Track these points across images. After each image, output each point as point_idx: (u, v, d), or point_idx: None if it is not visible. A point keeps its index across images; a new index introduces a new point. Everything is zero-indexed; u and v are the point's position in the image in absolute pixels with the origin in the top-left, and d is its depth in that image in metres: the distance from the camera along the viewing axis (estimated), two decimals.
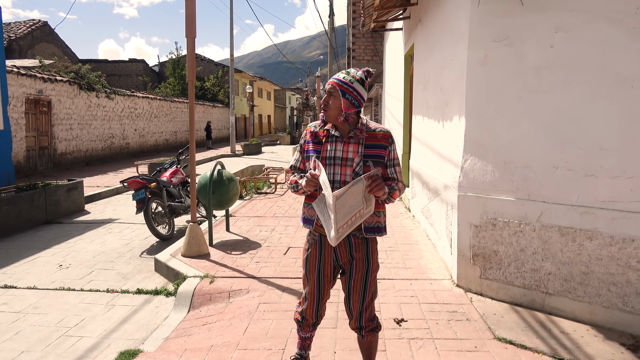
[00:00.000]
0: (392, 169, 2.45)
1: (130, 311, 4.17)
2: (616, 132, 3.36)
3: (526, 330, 3.41)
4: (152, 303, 4.35)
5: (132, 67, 33.71)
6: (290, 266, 4.90)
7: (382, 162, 2.39)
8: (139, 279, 5.03)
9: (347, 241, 2.45)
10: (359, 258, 2.46)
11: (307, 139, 2.53)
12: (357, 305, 2.50)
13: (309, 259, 2.56)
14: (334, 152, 2.40)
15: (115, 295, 4.55)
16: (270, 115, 51.22)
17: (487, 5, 3.78)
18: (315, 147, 2.46)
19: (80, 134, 15.80)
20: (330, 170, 2.38)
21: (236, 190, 6.13)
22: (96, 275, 5.12)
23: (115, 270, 5.30)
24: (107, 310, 4.19)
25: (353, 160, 2.36)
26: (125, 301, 4.40)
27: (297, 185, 2.48)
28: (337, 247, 2.46)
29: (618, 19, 3.29)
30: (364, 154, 2.37)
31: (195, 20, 5.22)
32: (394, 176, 2.45)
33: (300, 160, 2.58)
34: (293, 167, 2.63)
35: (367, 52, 14.95)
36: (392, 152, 2.44)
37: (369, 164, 2.35)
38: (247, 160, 18.80)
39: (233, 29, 21.71)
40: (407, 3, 7.22)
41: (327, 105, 2.40)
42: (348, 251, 2.46)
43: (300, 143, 2.60)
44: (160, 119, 22.82)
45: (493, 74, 3.84)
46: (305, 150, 2.53)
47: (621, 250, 3.36)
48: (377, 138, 2.40)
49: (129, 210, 8.63)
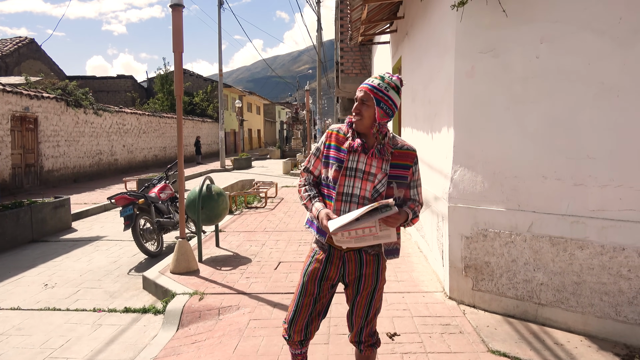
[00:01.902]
0: (415, 190, 2.33)
1: (118, 331, 4.07)
2: (603, 141, 3.38)
3: (520, 342, 3.38)
4: (140, 322, 4.26)
5: (121, 83, 33.58)
6: (281, 281, 4.83)
7: (405, 184, 2.27)
8: (126, 297, 4.92)
9: (358, 257, 2.31)
10: (368, 274, 2.34)
11: (328, 143, 2.33)
12: (360, 320, 2.41)
13: (313, 264, 2.38)
14: (356, 164, 2.23)
15: (102, 314, 4.45)
16: (260, 129, 51.24)
17: (472, 18, 3.81)
18: (338, 154, 2.27)
19: (67, 151, 15.65)
20: (350, 182, 2.22)
21: (226, 205, 6.08)
22: (83, 294, 5.01)
23: (102, 288, 5.19)
24: (93, 330, 4.08)
25: (375, 176, 2.21)
26: (113, 320, 4.29)
27: (305, 206, 2.36)
28: (347, 263, 2.32)
29: (602, 29, 3.33)
30: (390, 174, 2.22)
31: (182, 35, 5.21)
32: (415, 197, 2.33)
33: (313, 163, 2.40)
34: (306, 170, 2.45)
35: (356, 66, 15.06)
36: (416, 173, 2.32)
37: (392, 185, 2.22)
38: (237, 174, 18.72)
39: (222, 44, 21.78)
40: (394, 17, 7.29)
41: (360, 114, 2.21)
42: (358, 268, 2.33)
43: (318, 146, 2.40)
44: (149, 134, 22.69)
45: (480, 85, 3.87)
46: (325, 155, 2.33)
47: (612, 259, 3.35)
48: (402, 157, 2.25)
49: (116, 227, 8.50)
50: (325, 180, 2.31)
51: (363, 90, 2.21)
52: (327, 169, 2.30)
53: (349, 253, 2.31)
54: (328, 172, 2.28)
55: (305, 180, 2.41)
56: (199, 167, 22.79)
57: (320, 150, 2.37)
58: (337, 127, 2.35)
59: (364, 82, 2.25)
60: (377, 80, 2.22)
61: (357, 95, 2.23)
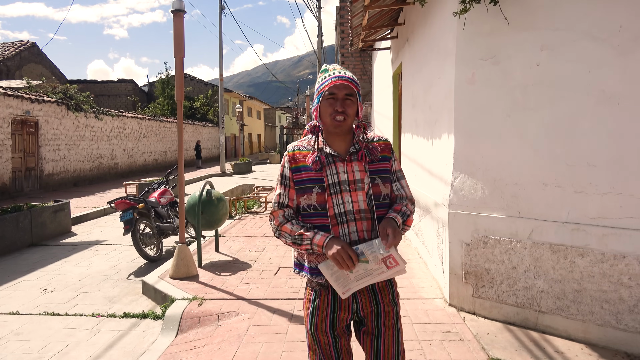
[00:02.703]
0: (398, 183, 2.02)
1: (116, 336, 4.06)
2: (604, 148, 3.38)
3: (520, 350, 3.36)
4: (139, 327, 4.24)
5: (121, 87, 33.66)
6: (281, 287, 4.82)
7: (388, 177, 1.97)
8: (125, 302, 4.91)
9: (370, 285, 1.95)
10: (387, 304, 1.97)
11: (294, 167, 1.94)
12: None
13: (317, 314, 1.96)
14: (337, 176, 1.89)
15: (101, 319, 4.43)
16: (260, 134, 51.29)
17: (473, 24, 3.82)
18: (311, 174, 1.90)
19: (67, 155, 15.65)
20: (337, 200, 1.88)
21: (225, 210, 6.07)
22: (82, 299, 5.00)
23: (101, 293, 5.18)
24: (92, 336, 4.07)
25: (363, 182, 1.90)
26: (111, 325, 4.28)
27: (301, 238, 1.87)
28: (358, 295, 1.94)
29: (602, 37, 3.34)
30: (369, 170, 1.93)
31: (184, 40, 5.22)
32: (401, 192, 2.01)
33: (288, 194, 1.96)
34: (281, 206, 1.97)
35: (356, 71, 15.10)
36: (395, 163, 2.03)
37: (377, 182, 1.92)
38: (237, 179, 18.71)
39: (222, 49, 21.84)
40: (395, 23, 7.31)
41: (345, 113, 1.87)
42: (372, 297, 1.96)
43: (281, 173, 1.98)
44: (149, 138, 22.72)
45: (481, 92, 3.87)
46: (297, 180, 1.93)
47: (613, 267, 3.35)
48: (378, 149, 1.97)
49: (116, 231, 8.49)
50: (308, 208, 1.91)
51: (345, 84, 1.87)
52: (306, 196, 1.91)
53: None
54: (310, 199, 1.90)
55: (284, 217, 1.95)
56: (199, 172, 22.80)
57: (288, 177, 1.96)
58: (297, 145, 2.00)
59: (340, 75, 1.88)
60: (345, 71, 1.93)
61: (338, 91, 1.87)
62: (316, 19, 23.28)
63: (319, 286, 1.96)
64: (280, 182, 1.99)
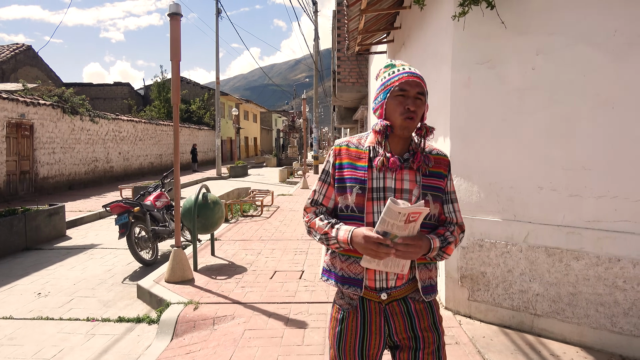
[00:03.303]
0: (450, 205, 1.81)
1: (111, 341, 4.03)
2: (599, 152, 3.40)
3: (516, 353, 3.36)
4: (134, 331, 4.22)
5: (117, 90, 33.60)
6: (277, 291, 4.81)
7: (440, 197, 1.77)
8: (120, 306, 4.88)
9: (404, 307, 1.75)
10: (425, 329, 1.76)
11: (338, 162, 1.79)
12: None
13: (345, 336, 1.77)
14: (383, 181, 1.71)
15: (96, 324, 4.40)
16: (257, 137, 51.28)
17: (469, 29, 3.84)
18: (355, 173, 1.73)
19: (63, 158, 15.59)
20: (378, 206, 1.69)
21: (221, 214, 6.06)
22: (76, 303, 4.96)
23: (96, 297, 5.14)
24: (86, 340, 4.04)
25: (411, 192, 1.71)
26: (106, 330, 4.25)
27: (327, 237, 1.73)
28: (390, 317, 1.74)
29: (597, 42, 3.36)
30: (422, 184, 1.72)
31: (180, 44, 5.22)
32: (451, 217, 1.81)
33: (325, 193, 1.82)
34: (313, 203, 1.84)
35: (352, 75, 15.13)
36: (450, 183, 1.83)
37: (428, 198, 1.71)
38: (233, 182, 18.69)
39: (219, 53, 21.84)
40: (391, 27, 7.33)
41: (415, 113, 1.67)
42: (407, 322, 1.75)
43: (324, 168, 1.85)
44: (145, 142, 22.66)
45: (477, 95, 3.88)
46: (338, 178, 1.77)
47: (608, 270, 3.36)
48: (434, 163, 1.76)
49: (111, 235, 8.45)
50: (346, 210, 1.74)
51: (418, 82, 1.68)
52: (344, 196, 1.75)
53: (392, 304, 1.74)
54: (347, 199, 1.73)
55: (315, 214, 1.82)
56: (195, 175, 22.75)
57: (329, 173, 1.81)
58: (346, 141, 1.84)
59: (411, 72, 1.71)
60: (413, 67, 1.75)
61: (410, 88, 1.67)
62: (313, 23, 23.33)
63: (349, 305, 1.78)
64: (319, 178, 1.85)
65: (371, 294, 1.73)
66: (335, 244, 1.71)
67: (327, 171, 1.83)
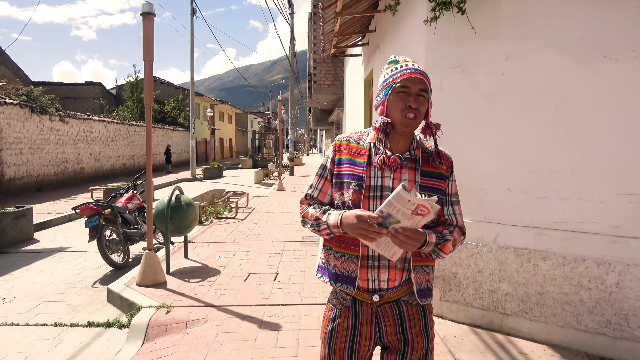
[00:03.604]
0: (451, 207, 1.77)
1: (80, 346, 3.94)
2: (565, 155, 3.50)
3: (485, 352, 3.43)
4: (104, 336, 4.13)
5: (89, 90, 32.90)
6: (251, 293, 4.78)
7: (440, 199, 1.73)
8: (90, 310, 4.77)
9: (397, 310, 1.73)
10: (416, 333, 1.75)
11: (338, 157, 1.77)
12: None
13: (336, 335, 1.77)
14: (381, 180, 1.68)
15: (64, 329, 4.29)
16: (232, 138, 50.89)
17: (441, 33, 3.90)
18: (353, 169, 1.71)
19: (31, 159, 15.15)
20: (375, 206, 1.66)
21: (195, 216, 5.99)
22: (43, 308, 4.83)
23: (64, 302, 5.02)
24: (54, 346, 3.94)
25: None
26: (75, 335, 4.15)
27: (318, 223, 1.72)
28: (382, 320, 1.74)
29: (563, 48, 3.46)
30: (420, 185, 1.69)
31: (153, 43, 5.14)
32: (451, 219, 1.77)
33: (321, 187, 1.81)
34: (308, 197, 1.84)
35: (328, 77, 15.18)
36: (452, 184, 1.78)
37: None
38: (208, 184, 18.50)
39: (194, 53, 21.62)
40: (366, 30, 7.39)
41: (418, 110, 1.64)
42: (399, 325, 1.74)
43: (324, 164, 1.82)
44: (117, 142, 22.24)
45: (448, 99, 3.94)
46: (336, 174, 1.76)
47: (573, 270, 3.46)
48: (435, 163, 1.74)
49: (81, 238, 8.26)
50: (342, 206, 1.71)
51: (421, 78, 1.65)
52: (342, 192, 1.72)
53: (384, 306, 1.73)
54: (344, 195, 1.71)
55: (309, 205, 1.83)
56: (169, 176, 22.44)
57: (327, 168, 1.79)
58: (347, 137, 1.81)
59: (414, 68, 1.68)
60: (416, 63, 1.72)
61: (412, 85, 1.64)
62: (289, 24, 23.31)
63: (341, 306, 1.77)
64: (317, 173, 1.83)
65: (363, 295, 1.73)
66: (325, 229, 1.69)
67: (325, 166, 1.81)
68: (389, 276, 1.71)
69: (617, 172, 3.32)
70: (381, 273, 1.70)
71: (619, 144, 3.31)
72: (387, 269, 1.71)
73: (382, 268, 1.71)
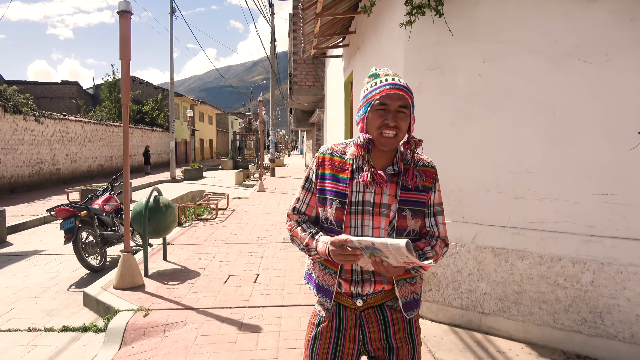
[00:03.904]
0: (433, 219, 1.74)
1: (55, 351, 3.84)
2: (541, 156, 3.56)
3: (465, 352, 3.46)
4: (80, 341, 4.04)
5: (65, 89, 32.27)
6: (231, 295, 4.74)
7: (422, 212, 1.70)
8: (65, 315, 4.67)
9: (381, 315, 1.71)
10: (400, 339, 1.72)
11: (321, 172, 1.74)
12: None
13: (319, 340, 1.75)
14: (362, 195, 1.65)
15: (38, 334, 4.19)
16: (212, 139, 50.48)
17: (420, 36, 3.93)
18: (336, 185, 1.68)
19: (4, 160, 14.78)
20: (357, 221, 1.65)
21: (174, 217, 5.91)
22: (17, 313, 4.70)
23: (39, 306, 4.89)
24: (27, 352, 3.84)
25: (390, 207, 1.64)
26: (49, 340, 4.05)
27: (308, 249, 1.71)
28: (366, 325, 1.72)
29: (539, 51, 3.52)
30: (400, 198, 1.65)
31: (130, 42, 5.06)
32: (434, 230, 1.73)
33: (308, 202, 1.78)
34: (296, 211, 1.81)
35: (309, 78, 15.18)
36: (435, 195, 1.74)
37: (405, 214, 1.65)
38: (188, 185, 18.30)
39: (173, 53, 21.38)
40: (347, 31, 7.41)
41: (397, 128, 1.60)
42: (382, 331, 1.72)
43: (307, 176, 1.79)
44: (94, 143, 21.84)
45: (428, 100, 3.97)
46: (320, 189, 1.73)
47: (550, 269, 3.51)
48: (420, 177, 1.69)
49: (57, 240, 8.08)
50: (326, 222, 1.71)
51: (401, 94, 1.59)
52: (325, 207, 1.70)
53: (368, 312, 1.72)
54: (327, 212, 1.69)
55: (297, 222, 1.79)
56: (148, 178, 22.13)
57: (313, 182, 1.76)
58: (330, 149, 1.76)
59: (394, 83, 1.61)
60: (399, 77, 1.65)
61: (391, 102, 1.59)
62: (269, 25, 23.25)
63: (326, 311, 1.75)
64: (303, 186, 1.80)
65: (347, 300, 1.72)
66: (316, 254, 1.69)
67: (310, 179, 1.78)
68: (374, 288, 1.70)
69: (591, 172, 3.39)
70: (365, 286, 1.69)
71: (593, 145, 3.38)
72: (373, 283, 1.69)
73: (366, 282, 1.69)
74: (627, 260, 3.26)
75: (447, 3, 3.72)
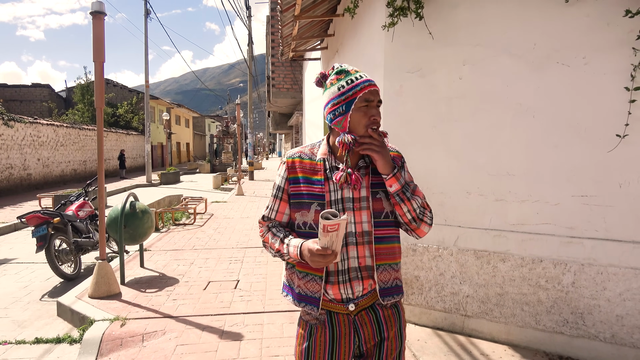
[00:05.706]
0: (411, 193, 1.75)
1: None
2: (521, 158, 3.58)
3: (448, 355, 3.45)
4: (53, 353, 3.89)
5: (36, 92, 31.42)
6: (211, 302, 4.64)
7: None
8: (38, 326, 4.50)
9: (374, 315, 1.72)
10: (392, 337, 1.74)
11: (292, 177, 1.72)
12: None
13: (313, 350, 1.71)
14: (341, 193, 1.65)
15: (8, 347, 4.02)
16: (189, 143, 49.88)
17: (400, 38, 3.92)
18: (312, 188, 1.67)
19: None
20: None
21: (151, 223, 5.77)
22: None
23: (9, 318, 4.71)
24: None
25: (368, 199, 1.67)
26: (21, 354, 3.89)
27: (280, 254, 1.71)
28: (360, 328, 1.70)
29: (519, 54, 3.55)
30: (371, 183, 1.68)
31: (104, 44, 4.93)
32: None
33: (278, 208, 1.76)
34: (266, 218, 1.79)
35: (287, 81, 15.12)
36: (405, 174, 1.74)
37: (379, 196, 1.68)
38: (165, 190, 18.00)
39: (148, 55, 21.03)
40: (325, 34, 7.39)
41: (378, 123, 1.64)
42: (376, 329, 1.72)
43: (277, 184, 1.76)
44: (67, 147, 21.31)
45: (408, 103, 3.97)
46: (294, 194, 1.71)
47: (531, 271, 3.54)
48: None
49: (28, 248, 7.82)
50: (304, 227, 1.68)
51: (377, 90, 1.64)
52: (302, 212, 1.68)
53: (361, 314, 1.71)
54: (306, 216, 1.67)
55: (267, 227, 1.78)
56: (123, 182, 21.70)
57: (282, 188, 1.74)
58: (298, 153, 1.76)
59: (370, 80, 1.64)
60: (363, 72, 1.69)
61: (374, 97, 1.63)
62: (247, 28, 23.09)
63: (316, 320, 1.71)
64: (272, 194, 1.78)
65: (338, 306, 1.68)
66: (290, 259, 1.68)
67: (279, 186, 1.76)
68: (364, 286, 1.68)
69: (571, 174, 3.43)
70: (354, 285, 1.67)
71: (572, 147, 3.41)
72: (361, 280, 1.67)
73: (354, 280, 1.67)
74: (607, 261, 3.31)
75: (427, 6, 3.72)
